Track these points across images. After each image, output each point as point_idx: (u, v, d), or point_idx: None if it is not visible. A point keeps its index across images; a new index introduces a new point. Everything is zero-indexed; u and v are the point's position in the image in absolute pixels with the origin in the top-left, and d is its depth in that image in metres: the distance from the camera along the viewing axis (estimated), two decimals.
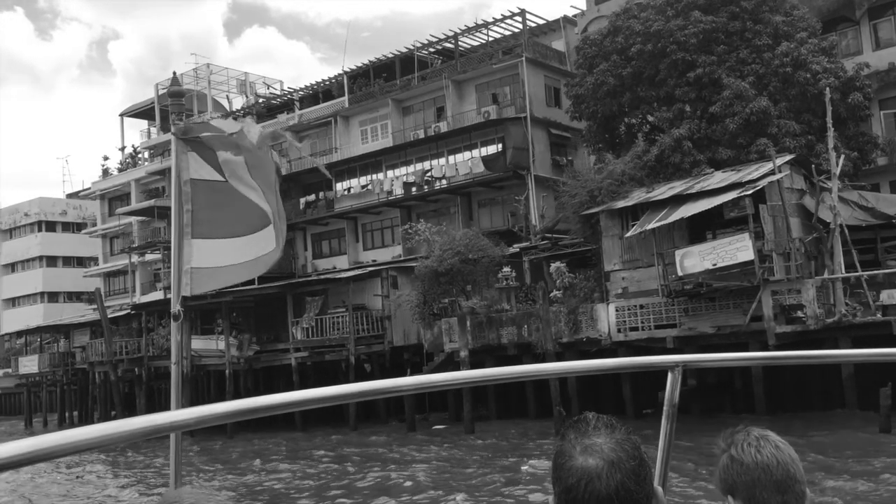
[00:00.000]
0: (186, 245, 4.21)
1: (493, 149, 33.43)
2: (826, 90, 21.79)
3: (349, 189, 37.46)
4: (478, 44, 38.90)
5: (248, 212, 4.37)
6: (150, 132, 52.23)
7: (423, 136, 35.37)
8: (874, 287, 20.15)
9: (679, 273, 21.06)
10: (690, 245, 21.36)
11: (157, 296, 41.37)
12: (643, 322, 22.69)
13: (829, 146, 21.12)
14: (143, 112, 52.90)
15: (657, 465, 1.77)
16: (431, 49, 38.93)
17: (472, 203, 34.92)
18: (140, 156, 53.46)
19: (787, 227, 20.68)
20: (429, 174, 34.98)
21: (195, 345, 32.85)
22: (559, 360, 20.79)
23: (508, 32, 37.75)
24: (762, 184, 20.45)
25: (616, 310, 23.20)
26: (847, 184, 23.36)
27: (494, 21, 37.22)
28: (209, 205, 4.30)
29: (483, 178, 33.35)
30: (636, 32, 26.13)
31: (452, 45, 37.79)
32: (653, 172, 24.77)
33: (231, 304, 32.76)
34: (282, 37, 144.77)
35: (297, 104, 42.50)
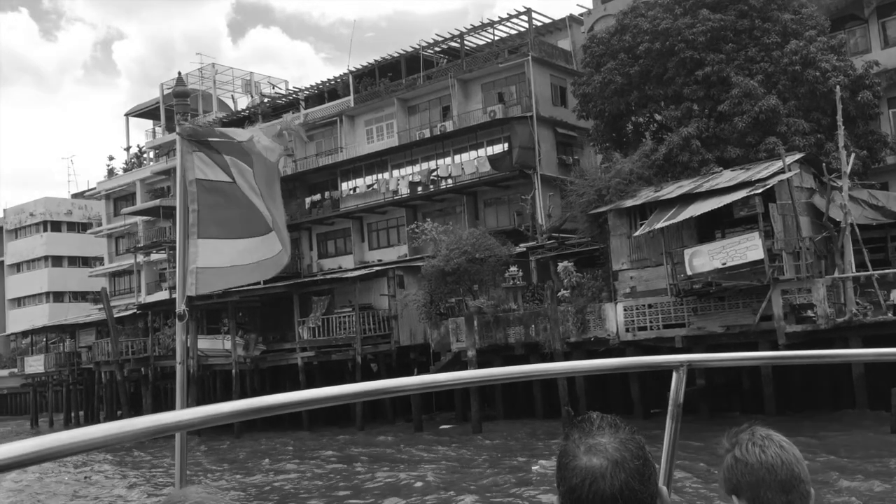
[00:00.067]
0: (192, 245, 4.20)
1: (499, 148, 33.34)
2: (836, 88, 21.68)
3: (355, 189, 37.41)
4: (483, 43, 38.82)
5: (253, 215, 4.37)
6: (156, 132, 52.28)
7: (429, 136, 35.29)
8: (885, 286, 20.03)
9: (688, 272, 20.97)
10: (699, 244, 21.26)
11: (163, 296, 41.35)
12: (652, 322, 22.59)
13: (840, 144, 21.01)
14: (149, 112, 52.94)
15: (662, 465, 1.77)
16: (437, 48, 38.85)
17: (478, 202, 34.83)
18: (145, 156, 53.49)
19: (797, 226, 20.57)
20: (434, 174, 34.91)
21: (201, 344, 32.82)
22: (567, 360, 20.70)
23: (514, 31, 37.64)
24: (772, 182, 20.35)
25: (624, 309, 23.11)
26: (857, 182, 23.23)
27: (500, 20, 37.13)
28: (215, 205, 4.29)
29: (489, 178, 33.27)
30: (644, 31, 26.03)
31: (458, 45, 37.70)
32: (661, 171, 24.69)
33: (237, 304, 32.75)
34: (286, 37, 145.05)
35: (303, 104, 42.46)
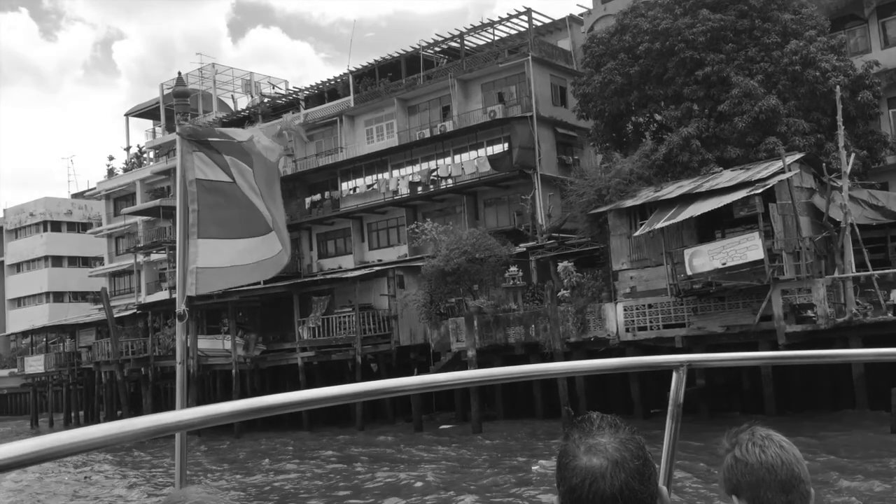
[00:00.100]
0: (192, 245, 4.20)
1: (499, 148, 33.35)
2: (837, 88, 21.68)
3: (355, 189, 37.41)
4: (483, 43, 38.81)
5: (253, 215, 4.38)
6: (156, 132, 52.28)
7: (429, 136, 35.29)
8: (885, 286, 20.03)
9: (688, 272, 20.98)
10: (699, 244, 21.26)
11: (163, 296, 41.35)
12: (652, 322, 22.59)
13: (840, 144, 21.01)
14: (149, 112, 52.94)
15: (662, 465, 1.77)
16: (437, 48, 38.85)
17: (478, 202, 34.83)
18: (145, 156, 53.49)
19: (797, 226, 20.57)
20: (434, 174, 34.90)
21: (201, 345, 32.82)
22: (567, 360, 20.71)
23: (514, 31, 37.64)
24: (772, 182, 20.35)
25: (624, 309, 23.11)
26: (857, 182, 23.23)
27: (500, 20, 37.13)
28: (215, 205, 4.29)
29: (489, 178, 33.27)
30: (644, 31, 26.04)
31: (458, 45, 37.70)
32: (661, 171, 24.69)
33: (237, 304, 32.75)
34: (286, 37, 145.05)
35: (303, 104, 42.46)
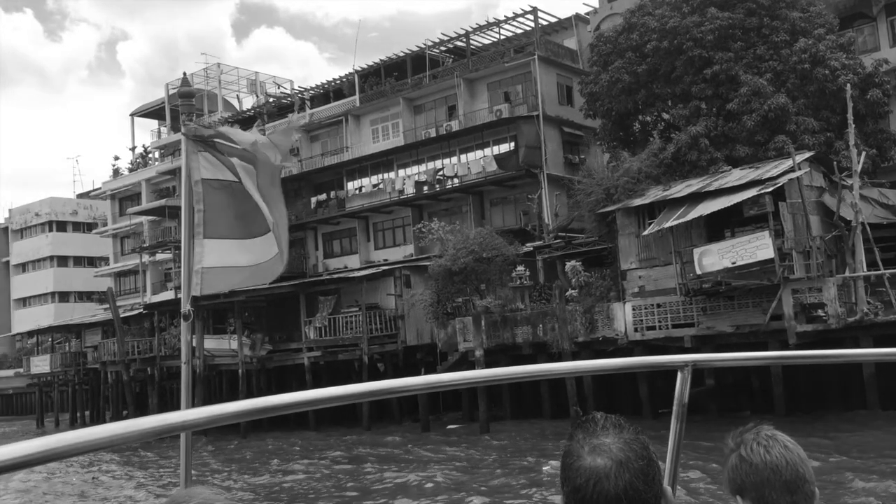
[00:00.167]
0: (198, 245, 4.20)
1: (506, 147, 33.26)
2: (847, 86, 21.54)
3: (360, 188, 37.34)
4: (489, 42, 38.71)
5: (258, 215, 4.40)
6: (161, 132, 52.28)
7: (435, 135, 35.21)
8: None
9: (697, 271, 20.87)
10: (709, 243, 21.15)
11: (168, 295, 41.36)
12: (660, 321, 22.49)
13: (850, 143, 20.88)
14: (154, 112, 52.97)
15: (667, 465, 1.76)
16: (442, 48, 38.78)
17: (485, 202, 34.74)
18: (150, 156, 53.51)
19: (808, 225, 20.45)
20: (440, 173, 34.82)
21: (208, 344, 32.80)
22: (575, 360, 20.62)
23: (520, 31, 37.55)
24: (782, 181, 20.23)
25: (633, 309, 23.00)
26: (867, 181, 23.09)
27: (506, 19, 37.04)
28: (221, 205, 4.30)
29: (495, 177, 33.18)
30: (651, 29, 25.92)
31: (464, 44, 37.62)
32: (669, 170, 24.57)
33: (244, 304, 32.70)
34: (290, 37, 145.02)
35: (308, 103, 42.40)
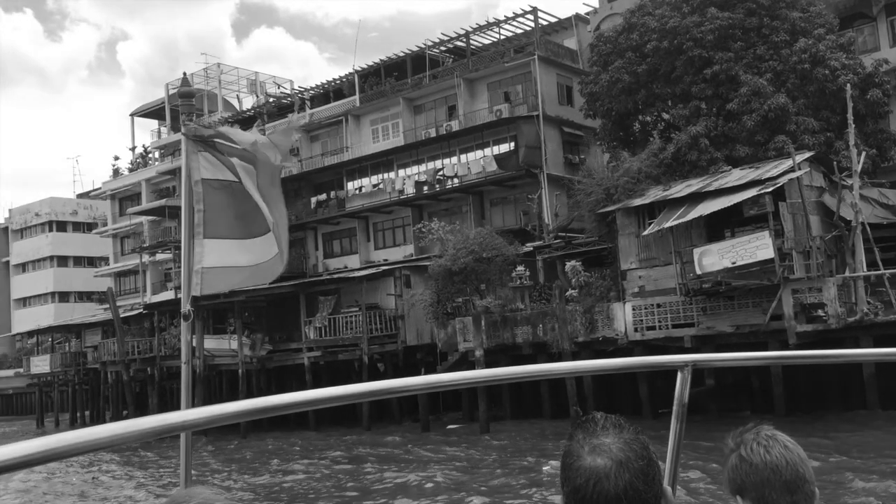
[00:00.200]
0: (198, 245, 4.21)
1: (506, 147, 33.25)
2: (847, 86, 21.54)
3: (360, 188, 37.34)
4: (489, 42, 38.71)
5: (258, 215, 4.41)
6: (161, 132, 52.27)
7: (435, 135, 35.20)
8: None
9: (697, 271, 20.87)
10: (709, 243, 21.15)
11: (168, 295, 41.35)
12: (660, 321, 22.49)
13: (850, 143, 20.88)
14: (154, 112, 52.95)
15: (667, 465, 1.76)
16: (442, 48, 38.78)
17: (484, 202, 34.75)
18: (151, 156, 53.51)
19: (808, 225, 20.45)
20: (440, 173, 34.82)
21: (208, 344, 32.80)
22: (575, 360, 20.62)
23: (520, 31, 37.55)
24: (782, 181, 20.23)
25: (633, 309, 23.00)
26: (867, 181, 23.09)
27: (506, 19, 37.04)
28: (221, 205, 4.31)
29: (495, 177, 33.18)
30: (652, 29, 25.92)
31: (464, 44, 37.61)
32: (669, 170, 24.58)
33: (243, 304, 32.70)
34: (290, 37, 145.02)
35: (308, 103, 42.40)
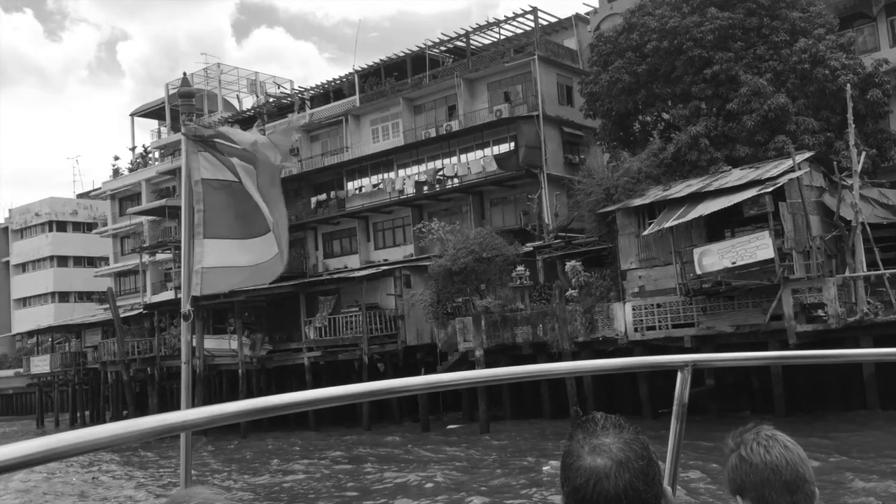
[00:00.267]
0: (198, 245, 4.21)
1: (506, 147, 33.25)
2: (847, 86, 21.55)
3: (360, 188, 37.33)
4: (489, 42, 38.71)
5: (258, 215, 4.42)
6: (161, 132, 52.27)
7: (435, 135, 35.20)
8: None
9: (697, 271, 20.87)
10: (709, 243, 21.15)
11: (168, 295, 41.35)
12: (660, 321, 22.49)
13: (851, 143, 20.88)
14: (154, 112, 52.94)
15: (667, 465, 1.77)
16: (442, 48, 38.78)
17: (484, 202, 34.75)
18: (151, 155, 53.50)
19: (808, 225, 20.45)
20: (440, 173, 34.82)
21: (208, 344, 32.79)
22: (575, 360, 20.61)
23: (520, 31, 37.55)
24: (782, 181, 20.23)
25: (633, 309, 23.00)
26: (866, 181, 23.09)
27: (506, 19, 37.04)
28: (221, 205, 4.32)
29: (495, 177, 33.18)
30: (652, 29, 25.92)
31: (464, 44, 37.61)
32: (669, 170, 24.58)
33: (243, 304, 32.70)
34: (290, 37, 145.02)
35: (308, 103, 42.39)
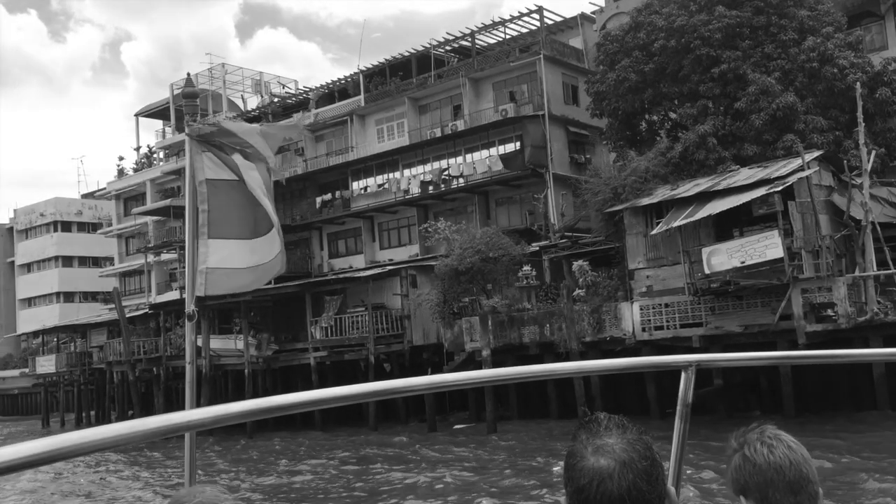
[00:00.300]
0: (202, 245, 4.21)
1: (511, 147, 33.17)
2: (857, 85, 21.45)
3: (366, 188, 37.29)
4: (494, 42, 38.63)
5: (259, 213, 4.43)
6: (165, 132, 52.27)
7: (440, 135, 35.13)
8: None
9: (706, 271, 20.78)
10: (717, 243, 21.06)
11: (173, 295, 41.32)
12: (668, 321, 22.40)
13: (860, 142, 20.78)
14: (158, 112, 52.92)
15: (671, 465, 1.76)
16: (447, 47, 38.70)
17: (490, 202, 34.67)
18: (155, 156, 53.51)
19: (817, 225, 20.35)
20: (446, 173, 34.75)
21: (214, 344, 32.77)
22: (583, 360, 20.51)
23: (525, 30, 37.47)
24: (791, 180, 20.13)
25: (640, 308, 22.91)
26: (876, 180, 22.98)
27: (511, 18, 36.95)
28: (226, 205, 4.32)
29: (501, 177, 33.10)
30: (659, 28, 25.84)
31: (469, 43, 37.53)
32: (677, 169, 24.50)
33: (249, 304, 32.67)
34: (293, 37, 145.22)
35: (313, 103, 42.35)
